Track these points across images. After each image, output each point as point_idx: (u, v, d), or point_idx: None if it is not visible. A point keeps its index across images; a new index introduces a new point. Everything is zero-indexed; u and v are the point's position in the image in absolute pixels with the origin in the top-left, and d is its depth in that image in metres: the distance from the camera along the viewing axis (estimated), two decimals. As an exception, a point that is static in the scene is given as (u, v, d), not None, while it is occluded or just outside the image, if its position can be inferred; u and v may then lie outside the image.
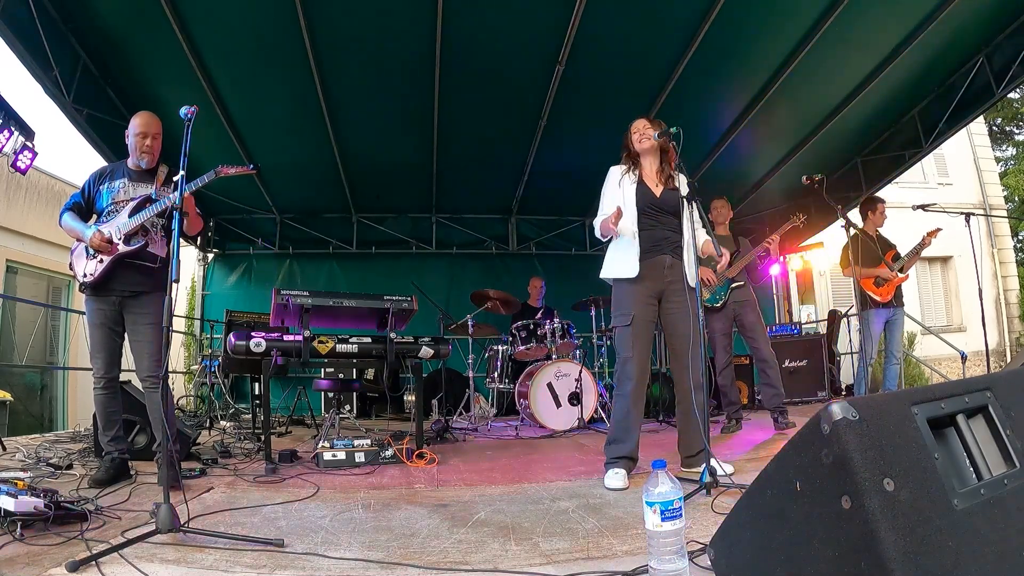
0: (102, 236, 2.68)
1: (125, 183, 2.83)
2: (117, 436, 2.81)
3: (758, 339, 4.19)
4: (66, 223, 2.79)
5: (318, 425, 5.22)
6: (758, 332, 4.21)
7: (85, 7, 3.82)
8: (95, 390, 2.78)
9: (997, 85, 4.69)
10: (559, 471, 3.02)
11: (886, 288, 4.50)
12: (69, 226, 2.78)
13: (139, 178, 2.85)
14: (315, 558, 1.66)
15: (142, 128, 2.80)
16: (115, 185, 2.83)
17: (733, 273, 4.20)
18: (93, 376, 2.79)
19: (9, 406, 6.57)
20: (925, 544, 0.92)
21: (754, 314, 4.25)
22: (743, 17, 4.07)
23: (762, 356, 4.15)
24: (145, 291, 2.79)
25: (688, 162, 2.75)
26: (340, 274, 7.33)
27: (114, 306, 2.77)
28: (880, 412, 1.02)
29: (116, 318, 2.79)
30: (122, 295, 2.76)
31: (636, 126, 2.87)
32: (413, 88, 4.76)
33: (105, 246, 2.68)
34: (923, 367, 8.99)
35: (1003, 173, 13.43)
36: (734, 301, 4.25)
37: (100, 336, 2.77)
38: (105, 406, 2.79)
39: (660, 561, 1.38)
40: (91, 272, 2.72)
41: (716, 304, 4.22)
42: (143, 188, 2.83)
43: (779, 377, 4.14)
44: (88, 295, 2.79)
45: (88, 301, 2.79)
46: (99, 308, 2.77)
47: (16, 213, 8.03)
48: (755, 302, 4.31)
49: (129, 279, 2.76)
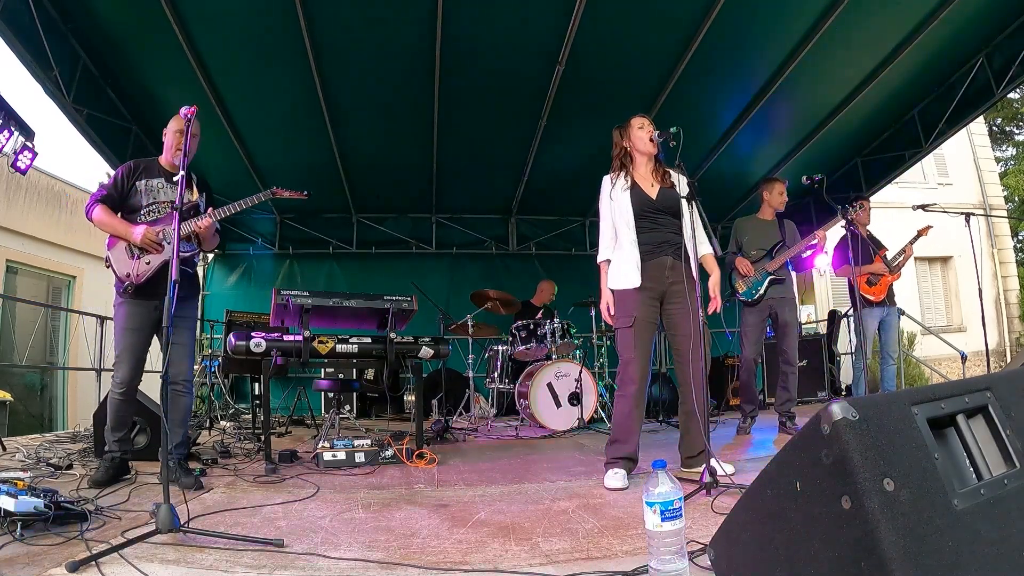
0: (155, 234, 2.59)
1: (163, 184, 2.76)
2: (125, 437, 2.79)
3: (789, 340, 4.03)
4: (101, 217, 2.65)
5: (318, 425, 5.22)
6: (790, 332, 4.05)
7: (85, 7, 3.82)
8: (114, 394, 2.70)
9: (997, 85, 4.70)
10: (559, 471, 3.02)
11: (878, 287, 4.50)
12: (104, 220, 2.65)
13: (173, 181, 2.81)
14: (315, 558, 1.66)
15: (179, 125, 2.71)
16: (153, 184, 2.75)
17: (775, 267, 4.00)
18: (114, 380, 2.70)
19: (9, 406, 6.58)
20: (925, 544, 0.92)
21: (792, 314, 4.07)
22: (743, 17, 4.07)
23: (788, 359, 4.03)
24: (186, 296, 2.74)
25: (688, 162, 2.75)
26: (340, 274, 7.33)
27: (152, 311, 2.70)
28: (880, 412, 1.02)
29: (154, 323, 2.72)
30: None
31: (641, 123, 2.85)
32: (413, 88, 4.76)
33: (157, 247, 2.61)
34: (923, 367, 8.98)
35: (1003, 173, 13.43)
36: (772, 297, 4.02)
37: (133, 341, 2.69)
38: (119, 410, 2.74)
39: (660, 561, 1.38)
40: (139, 273, 2.64)
41: (752, 298, 4.03)
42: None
43: (796, 383, 4.04)
44: (127, 298, 2.69)
45: (126, 304, 2.69)
46: (138, 312, 2.68)
47: (16, 213, 8.04)
48: (795, 300, 4.15)
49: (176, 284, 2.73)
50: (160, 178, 2.77)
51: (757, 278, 4.03)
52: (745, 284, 4.06)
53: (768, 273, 4.02)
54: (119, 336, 2.71)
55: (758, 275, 4.03)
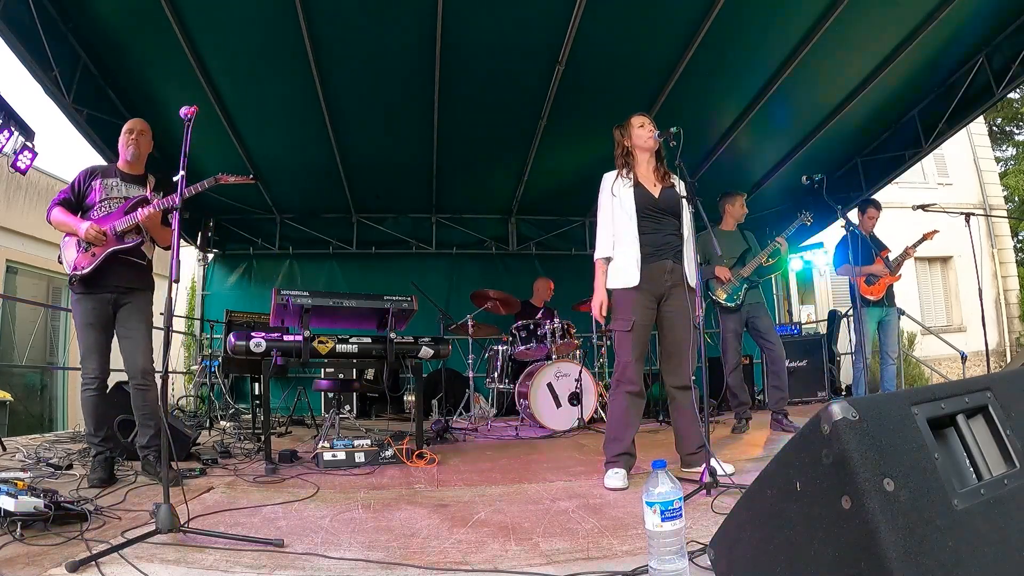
0: (98, 228, 2.68)
1: (118, 182, 2.87)
2: (109, 435, 2.82)
3: (775, 343, 4.20)
4: (56, 216, 2.78)
5: (318, 425, 5.22)
6: (773, 335, 4.23)
7: (85, 7, 3.81)
8: (86, 392, 2.74)
9: (997, 85, 4.69)
10: (559, 471, 3.02)
11: (876, 287, 4.50)
12: (60, 219, 2.77)
13: (132, 180, 2.90)
14: (315, 558, 1.66)
15: (128, 126, 2.95)
16: (108, 183, 2.85)
17: (748, 272, 4.18)
18: (84, 378, 2.74)
19: (9, 406, 6.58)
20: (925, 544, 0.92)
21: (767, 317, 4.27)
22: (743, 17, 4.06)
23: (777, 359, 4.17)
24: (138, 288, 2.81)
25: (688, 162, 2.74)
26: (340, 274, 7.33)
27: (108, 304, 2.77)
28: (880, 412, 1.02)
29: (110, 317, 2.78)
30: (116, 292, 2.76)
31: (641, 121, 2.85)
32: (413, 88, 4.76)
33: (100, 238, 2.68)
34: (923, 367, 8.99)
35: (1003, 173, 13.43)
36: (749, 303, 4.22)
37: (93, 337, 2.74)
38: (96, 407, 2.76)
39: (660, 561, 1.38)
40: (83, 265, 2.71)
41: (733, 304, 4.18)
42: (136, 190, 2.87)
43: (787, 381, 4.18)
44: (80, 293, 2.75)
45: (80, 301, 2.76)
46: (92, 307, 2.74)
47: (16, 213, 8.03)
48: (765, 304, 4.32)
49: (123, 275, 2.77)
50: (116, 178, 2.88)
51: (735, 284, 4.19)
52: (725, 291, 4.19)
53: (745, 279, 4.21)
54: (80, 333, 2.76)
55: (735, 281, 4.18)
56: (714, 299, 4.22)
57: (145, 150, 2.95)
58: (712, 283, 4.21)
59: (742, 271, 4.19)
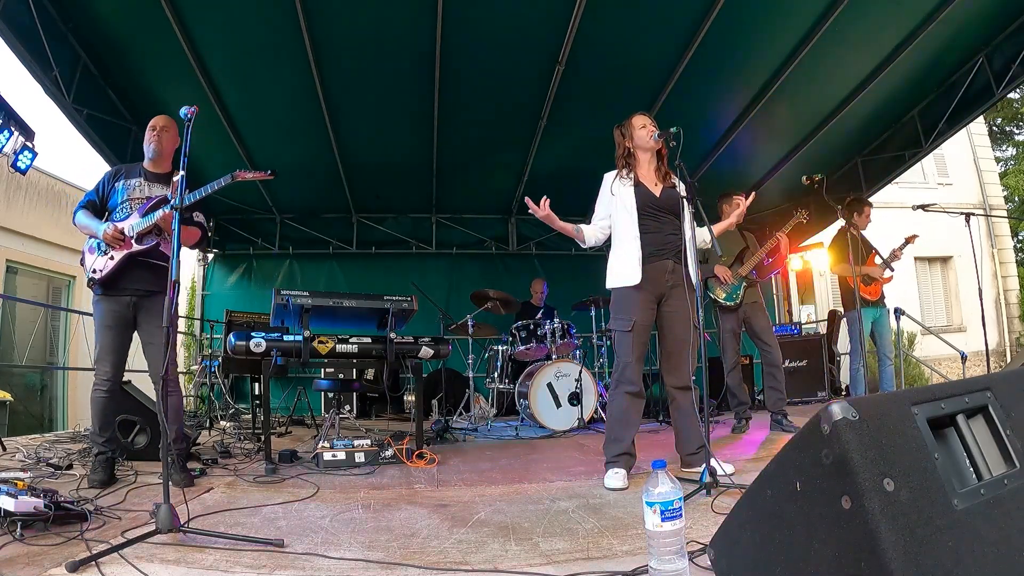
0: (116, 229, 2.66)
1: (141, 182, 2.84)
2: (113, 437, 2.81)
3: (771, 343, 4.17)
4: (80, 220, 2.77)
5: (318, 425, 5.22)
6: (770, 335, 4.20)
7: (85, 7, 3.82)
8: (97, 392, 2.73)
9: (997, 85, 4.69)
10: (559, 471, 3.02)
11: (874, 287, 4.51)
12: (83, 223, 2.77)
13: (155, 179, 2.86)
14: (315, 558, 1.66)
15: (151, 122, 2.90)
16: (131, 183, 2.82)
17: (746, 271, 4.18)
18: (96, 378, 2.73)
19: (9, 406, 6.58)
20: (925, 544, 0.92)
21: (765, 317, 4.25)
22: (743, 17, 4.06)
23: (773, 360, 4.14)
24: (158, 291, 2.75)
25: (688, 162, 2.74)
26: (340, 274, 7.33)
27: (128, 307, 2.74)
28: (880, 412, 1.02)
29: (129, 320, 2.76)
30: (136, 294, 2.74)
31: (643, 121, 2.85)
32: (413, 88, 4.76)
33: (118, 239, 2.66)
34: (923, 367, 8.99)
35: (1003, 173, 13.43)
36: (747, 302, 4.20)
37: (110, 338, 2.73)
38: (104, 408, 2.75)
39: (660, 561, 1.38)
40: (101, 268, 2.70)
41: (732, 303, 4.16)
42: (159, 189, 2.83)
43: (784, 382, 4.16)
44: (99, 295, 2.74)
45: (100, 302, 2.74)
46: (112, 309, 2.73)
47: (16, 213, 8.03)
48: (763, 303, 4.30)
49: (142, 277, 2.74)
50: (139, 178, 2.86)
51: (735, 283, 4.18)
52: (724, 291, 4.18)
53: (743, 278, 4.20)
54: (97, 334, 2.76)
55: (735, 280, 4.17)
56: (713, 298, 4.22)
57: (169, 146, 2.90)
58: (711, 282, 4.21)
59: (739, 270, 4.19)
